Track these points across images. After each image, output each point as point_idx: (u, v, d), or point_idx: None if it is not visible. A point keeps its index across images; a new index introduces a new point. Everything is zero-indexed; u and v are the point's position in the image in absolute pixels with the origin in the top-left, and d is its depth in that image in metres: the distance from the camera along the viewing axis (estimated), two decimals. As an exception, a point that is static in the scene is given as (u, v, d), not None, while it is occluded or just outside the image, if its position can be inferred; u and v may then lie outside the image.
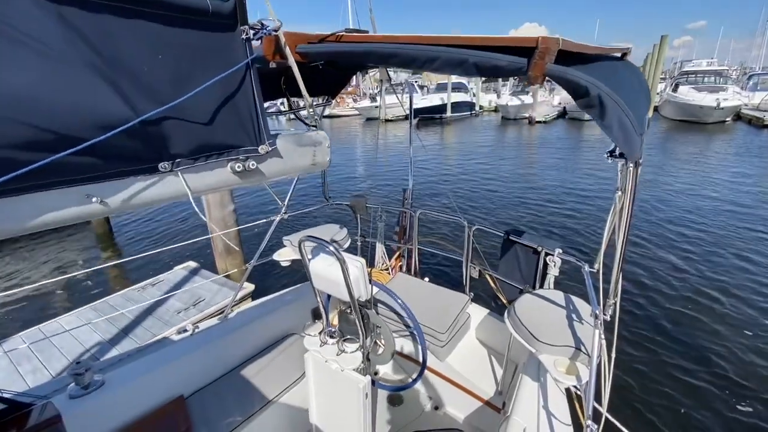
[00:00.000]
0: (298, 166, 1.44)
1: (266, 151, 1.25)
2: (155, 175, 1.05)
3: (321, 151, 1.50)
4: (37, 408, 1.78)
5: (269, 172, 1.31)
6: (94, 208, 0.96)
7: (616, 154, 1.30)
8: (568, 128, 24.62)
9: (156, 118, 0.96)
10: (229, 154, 1.18)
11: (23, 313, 5.84)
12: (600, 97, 0.98)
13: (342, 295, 1.77)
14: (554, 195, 10.69)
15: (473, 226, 2.78)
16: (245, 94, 1.15)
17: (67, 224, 0.95)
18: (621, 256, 1.50)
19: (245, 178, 1.25)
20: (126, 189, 1.00)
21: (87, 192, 0.93)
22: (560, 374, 1.71)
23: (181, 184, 1.09)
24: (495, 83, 43.51)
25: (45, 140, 0.82)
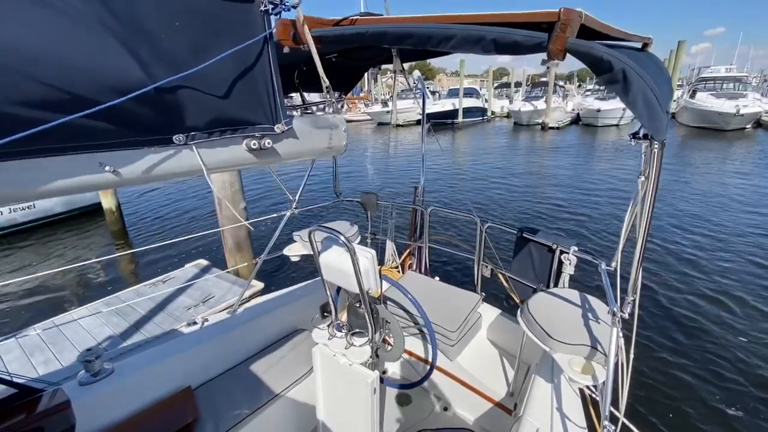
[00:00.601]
0: (313, 148, 1.42)
1: (282, 130, 1.23)
2: (169, 148, 1.04)
3: (337, 134, 1.48)
4: (47, 394, 1.79)
5: (284, 152, 1.29)
6: (107, 177, 0.94)
7: (640, 136, 1.25)
8: (582, 134, 24.33)
9: (171, 87, 0.95)
10: (244, 131, 1.16)
11: (37, 306, 5.94)
12: (624, 72, 0.94)
13: (351, 287, 1.74)
14: (567, 198, 10.56)
15: (486, 223, 2.73)
16: (262, 69, 1.14)
17: (79, 192, 0.93)
18: (642, 246, 1.44)
19: (260, 158, 1.23)
20: (139, 160, 0.99)
21: (100, 160, 0.92)
22: (575, 374, 1.66)
23: (195, 159, 1.07)
24: (507, 89, 43.38)
25: (59, 100, 0.81)
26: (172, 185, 14.01)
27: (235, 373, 2.29)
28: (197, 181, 5.85)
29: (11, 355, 3.73)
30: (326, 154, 1.51)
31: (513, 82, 43.89)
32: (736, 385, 3.88)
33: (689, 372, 4.08)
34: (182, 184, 14.21)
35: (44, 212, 9.45)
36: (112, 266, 7.43)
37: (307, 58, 2.19)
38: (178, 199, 11.98)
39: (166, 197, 12.31)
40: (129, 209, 10.58)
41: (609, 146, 19.65)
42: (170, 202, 11.73)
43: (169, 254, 7.60)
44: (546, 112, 26.33)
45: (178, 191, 12.89)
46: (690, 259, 6.61)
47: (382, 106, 32.34)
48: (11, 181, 0.83)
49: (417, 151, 3.98)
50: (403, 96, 32.08)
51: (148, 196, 12.31)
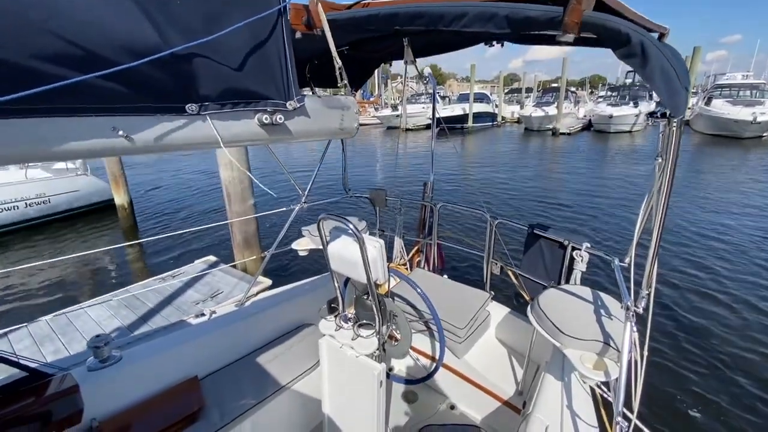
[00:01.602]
0: (325, 128, 1.42)
1: (294, 107, 1.23)
2: (183, 117, 1.04)
3: (349, 116, 1.47)
4: (56, 378, 1.81)
5: (296, 130, 1.29)
6: (120, 142, 0.94)
7: (658, 115, 1.22)
8: (594, 140, 24.07)
9: (186, 54, 0.96)
10: (256, 105, 1.16)
11: (48, 297, 6.04)
12: (642, 44, 0.91)
13: (359, 277, 1.73)
14: (577, 201, 10.47)
15: (496, 220, 2.69)
16: (276, 43, 1.15)
17: (92, 156, 0.94)
18: (659, 233, 1.39)
19: (271, 134, 1.23)
20: (153, 127, 0.99)
21: (113, 124, 0.92)
22: (587, 370, 1.62)
23: (208, 130, 1.08)
24: (518, 95, 43.22)
25: (77, 58, 0.81)
26: (183, 180, 14.21)
27: (241, 364, 2.29)
28: (207, 177, 5.95)
29: (22, 344, 3.79)
30: (337, 135, 1.51)
31: (524, 87, 43.76)
32: (754, 388, 3.77)
33: (703, 370, 3.99)
34: (192, 180, 14.41)
35: (56, 208, 9.62)
36: (123, 261, 7.53)
37: (319, 52, 2.20)
38: (189, 196, 12.14)
39: (177, 193, 12.47)
40: (140, 206, 10.73)
41: (621, 152, 19.39)
42: (180, 198, 11.89)
43: (178, 250, 7.68)
44: (557, 117, 26.15)
45: (188, 188, 13.07)
46: (702, 262, 6.50)
47: (391, 110, 32.44)
48: (26, 138, 0.83)
49: (426, 155, 3.96)
50: (413, 100, 32.17)
51: (159, 193, 12.48)
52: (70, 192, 9.76)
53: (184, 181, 14.34)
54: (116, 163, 9.07)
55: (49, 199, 9.37)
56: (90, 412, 1.75)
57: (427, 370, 2.66)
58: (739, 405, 3.57)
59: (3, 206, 8.64)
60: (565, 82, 26.87)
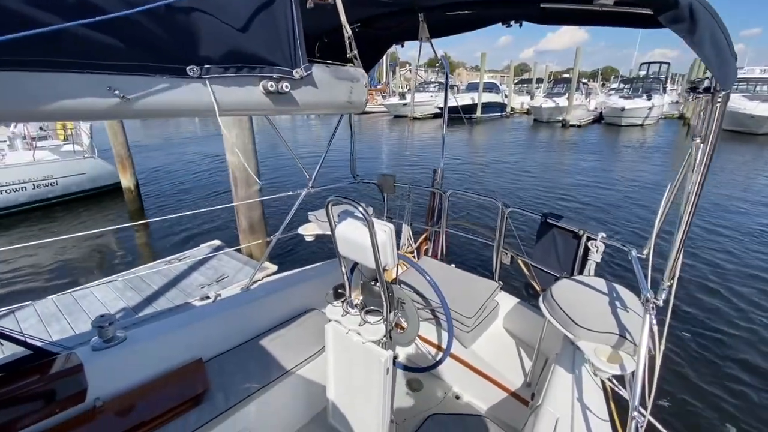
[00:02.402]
0: (332, 101, 1.35)
1: (301, 75, 1.17)
2: (183, 79, 0.98)
3: (358, 89, 1.40)
4: (61, 357, 1.79)
5: (302, 101, 1.23)
6: (115, 103, 0.88)
7: (701, 90, 1.13)
8: (604, 133, 23.70)
9: (186, 7, 0.89)
10: (261, 71, 1.10)
11: (55, 277, 6.09)
12: (691, 7, 0.83)
13: (367, 262, 1.68)
14: (587, 192, 10.32)
15: (508, 208, 2.62)
16: (284, 6, 1.08)
17: (85, 118, 0.89)
18: (688, 222, 1.32)
19: (277, 104, 1.17)
20: (151, 88, 0.93)
21: (109, 83, 0.86)
22: (601, 362, 1.57)
23: (208, 96, 1.01)
24: (528, 85, 42.53)
25: (62, 3, 0.75)
26: (190, 164, 14.20)
27: (246, 348, 2.26)
28: (214, 159, 5.83)
29: (28, 323, 3.82)
30: (345, 109, 1.44)
31: (534, 77, 43.04)
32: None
33: (720, 367, 3.92)
34: (200, 161, 14.39)
35: (64, 190, 9.67)
36: (129, 243, 7.57)
37: (328, 28, 2.12)
38: (196, 179, 12.16)
39: (184, 176, 12.50)
40: (147, 189, 10.76)
41: (632, 145, 19.07)
42: (187, 182, 11.92)
43: (184, 234, 7.70)
44: (567, 109, 25.75)
45: (195, 171, 13.08)
46: (712, 259, 6.39)
47: (399, 98, 32.09)
48: (11, 94, 0.77)
49: (433, 144, 3.87)
50: (421, 89, 31.77)
51: (165, 176, 12.51)
52: (77, 174, 9.80)
53: (191, 164, 14.36)
54: (123, 146, 9.06)
55: (56, 181, 9.42)
56: (94, 391, 1.73)
57: (434, 359, 2.63)
58: (755, 408, 3.51)
59: (11, 187, 8.69)
60: (578, 72, 26.34)
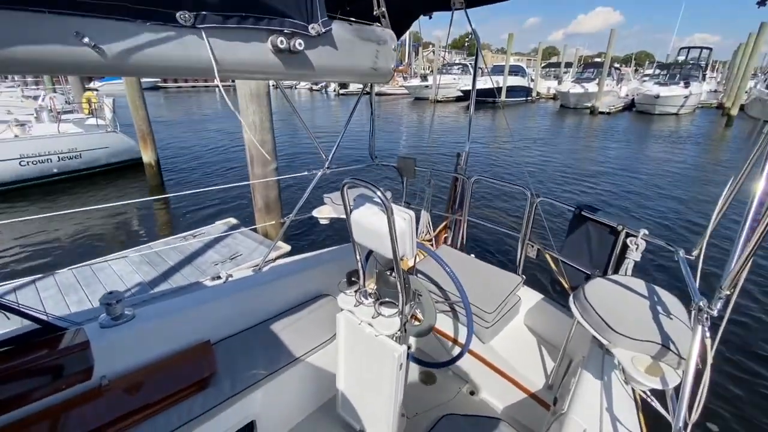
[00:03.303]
0: (354, 65, 1.17)
1: (318, 32, 0.99)
2: (171, 28, 0.80)
3: (385, 52, 1.21)
4: (69, 332, 1.75)
5: (318, 63, 1.05)
6: (85, 53, 0.72)
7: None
8: (635, 121, 22.61)
9: None
10: (271, 23, 0.92)
11: (76, 249, 6.23)
12: None
13: (384, 250, 1.54)
14: (618, 183, 9.84)
15: (538, 198, 2.43)
16: None
17: (45, 70, 0.73)
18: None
19: (288, 65, 0.99)
20: (130, 38, 0.76)
21: (77, 27, 0.70)
22: (639, 374, 1.41)
23: (204, 50, 0.84)
24: (556, 69, 40.85)
25: None
26: (209, 138, 14.26)
27: (255, 331, 2.19)
28: (234, 136, 5.66)
29: (47, 292, 3.89)
30: (369, 76, 1.25)
31: (563, 61, 41.27)
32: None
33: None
34: (220, 138, 14.41)
35: (87, 163, 9.86)
36: (148, 218, 7.67)
37: None
38: (215, 155, 12.24)
39: (203, 152, 12.59)
40: (167, 165, 10.86)
41: (666, 135, 18.11)
42: (207, 158, 12.00)
43: (200, 210, 7.75)
44: (597, 95, 24.60)
45: (215, 147, 13.15)
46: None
47: (421, 80, 31.33)
48: None
49: (454, 128, 3.63)
50: (443, 71, 30.90)
51: (185, 152, 12.62)
52: (100, 148, 9.95)
53: (211, 141, 14.43)
54: (144, 121, 9.10)
55: (80, 154, 9.59)
56: (100, 369, 1.69)
57: (450, 354, 2.51)
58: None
59: (37, 158, 8.89)
60: (610, 57, 25.03)
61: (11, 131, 8.70)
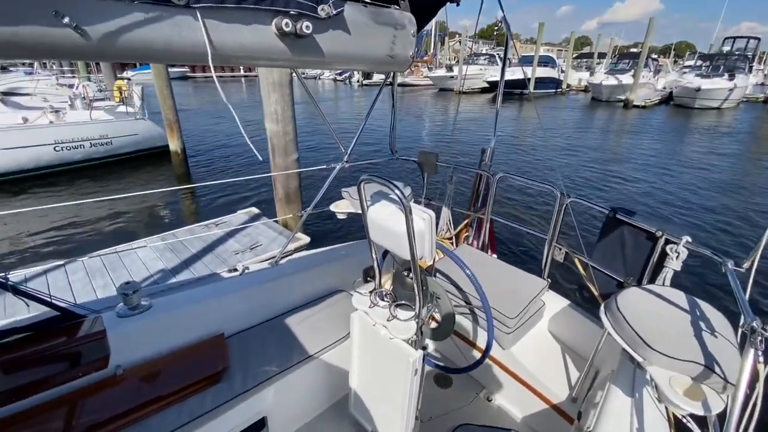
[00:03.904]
0: (368, 52, 1.07)
1: (328, 14, 0.89)
2: (162, 7, 0.73)
3: (403, 38, 1.10)
4: (88, 320, 1.78)
5: (328, 49, 0.95)
6: (65, 35, 0.65)
7: None
8: (672, 115, 21.46)
9: None
10: (275, 3, 0.83)
11: (104, 235, 6.46)
12: None
13: (401, 252, 1.46)
14: (653, 185, 9.32)
15: (568, 198, 2.28)
16: None
17: (23, 53, 0.65)
18: None
19: (293, 51, 0.90)
20: (116, 18, 0.68)
21: (56, 6, 0.63)
22: (677, 396, 1.28)
23: (199, 33, 0.75)
24: (588, 60, 39.21)
25: None
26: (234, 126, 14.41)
27: (269, 326, 2.17)
28: (258, 126, 5.57)
29: (76, 276, 4.02)
30: (384, 65, 1.14)
31: (596, 51, 39.55)
32: None
33: None
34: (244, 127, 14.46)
35: (117, 150, 10.19)
36: (173, 205, 7.86)
37: None
38: (238, 144, 12.40)
39: (227, 141, 12.78)
40: (192, 152, 11.08)
41: (707, 131, 17.08)
42: (230, 146, 12.18)
43: (223, 199, 7.87)
44: (632, 87, 23.43)
45: (239, 136, 13.32)
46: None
47: (446, 70, 30.70)
48: None
49: (479, 121, 3.47)
50: (470, 61, 30.16)
51: (210, 140, 12.85)
52: (129, 135, 10.25)
53: (235, 128, 14.60)
54: (171, 109, 9.29)
55: (111, 141, 9.90)
56: (116, 358, 1.70)
57: (468, 359, 2.42)
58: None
59: (70, 144, 9.24)
60: (648, 47, 23.74)
61: (47, 117, 9.05)
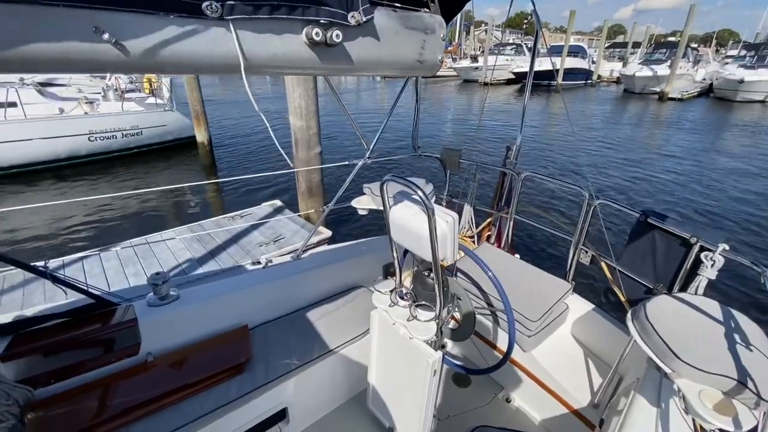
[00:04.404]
0: (398, 58, 1.06)
1: (358, 21, 0.90)
2: (197, 21, 0.75)
3: (433, 42, 1.09)
4: (120, 309, 1.87)
5: (358, 57, 0.96)
6: (105, 50, 0.68)
7: None
8: (711, 108, 20.33)
9: None
10: (306, 13, 0.84)
11: (136, 224, 6.73)
12: None
13: (423, 253, 1.45)
14: (681, 189, 8.88)
15: (597, 200, 2.21)
16: None
17: (65, 68, 0.68)
18: None
19: (323, 60, 0.91)
20: (153, 32, 0.71)
21: (96, 22, 0.66)
22: (707, 411, 1.24)
23: (231, 44, 0.77)
24: (622, 50, 37.51)
25: None
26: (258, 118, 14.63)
27: (291, 319, 2.22)
28: (283, 119, 5.58)
29: (109, 263, 4.23)
30: (413, 70, 1.13)
31: (630, 41, 37.76)
32: None
33: None
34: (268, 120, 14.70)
35: (147, 140, 10.53)
36: (199, 196, 8.09)
37: None
38: (262, 136, 12.59)
39: (252, 133, 13.00)
40: (218, 143, 11.33)
41: (750, 127, 16.09)
42: (255, 137, 12.38)
43: (248, 189, 8.04)
44: (668, 79, 22.27)
45: (263, 128, 13.52)
46: None
47: (471, 61, 30.05)
48: None
49: (505, 114, 3.36)
50: (496, 51, 29.41)
51: (236, 131, 13.10)
52: (159, 126, 10.57)
53: (260, 120, 14.79)
54: (198, 101, 9.50)
55: (141, 131, 10.25)
56: (146, 345, 1.78)
57: (488, 360, 2.41)
58: None
59: (103, 135, 9.62)
60: (687, 36, 22.47)
61: (81, 108, 9.44)
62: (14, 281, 3.79)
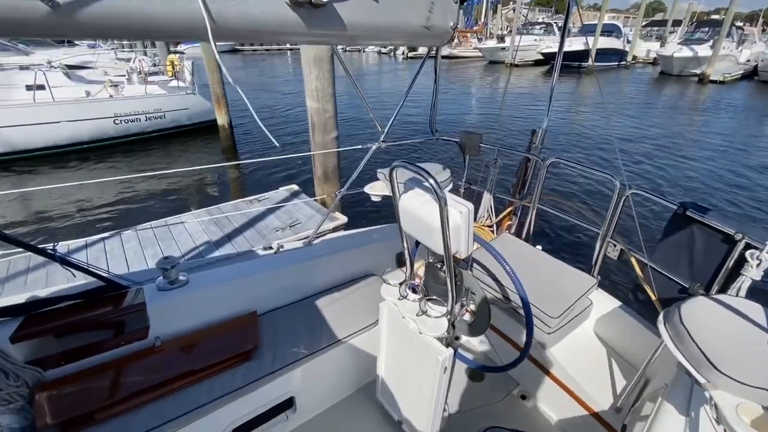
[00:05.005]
0: (399, 24, 0.92)
1: None
2: None
3: (443, 5, 0.93)
4: (131, 292, 1.86)
5: (351, 22, 0.82)
6: (35, 8, 0.57)
7: None
8: (757, 92, 18.95)
9: None
10: None
11: (156, 205, 6.86)
12: None
13: (434, 246, 1.35)
14: (729, 176, 8.32)
15: (629, 189, 2.03)
16: None
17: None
18: None
19: (310, 24, 0.78)
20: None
21: None
22: (744, 426, 1.12)
23: (195, 3, 0.65)
24: (661, 28, 35.27)
25: None
26: (278, 100, 14.61)
27: (300, 306, 2.18)
28: (302, 101, 5.46)
29: (129, 244, 4.32)
30: (419, 39, 0.98)
31: (670, 18, 35.43)
32: None
33: None
34: (288, 102, 14.81)
35: (170, 123, 10.66)
36: (220, 178, 8.18)
37: None
38: (282, 119, 12.59)
39: (272, 116, 13.02)
40: (239, 125, 11.38)
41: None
42: (274, 120, 12.39)
43: (267, 171, 8.07)
44: (710, 60, 20.81)
45: (283, 111, 13.52)
46: None
47: (497, 41, 28.96)
48: None
49: (533, 97, 3.14)
50: (523, 31, 28.19)
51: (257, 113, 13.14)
52: (181, 109, 10.70)
53: (279, 103, 14.84)
54: (219, 84, 9.53)
55: (164, 114, 10.40)
56: (155, 329, 1.77)
57: (502, 357, 2.31)
58: None
59: (128, 117, 9.81)
60: (732, 13, 20.82)
61: (107, 91, 9.63)
62: (37, 262, 3.89)
